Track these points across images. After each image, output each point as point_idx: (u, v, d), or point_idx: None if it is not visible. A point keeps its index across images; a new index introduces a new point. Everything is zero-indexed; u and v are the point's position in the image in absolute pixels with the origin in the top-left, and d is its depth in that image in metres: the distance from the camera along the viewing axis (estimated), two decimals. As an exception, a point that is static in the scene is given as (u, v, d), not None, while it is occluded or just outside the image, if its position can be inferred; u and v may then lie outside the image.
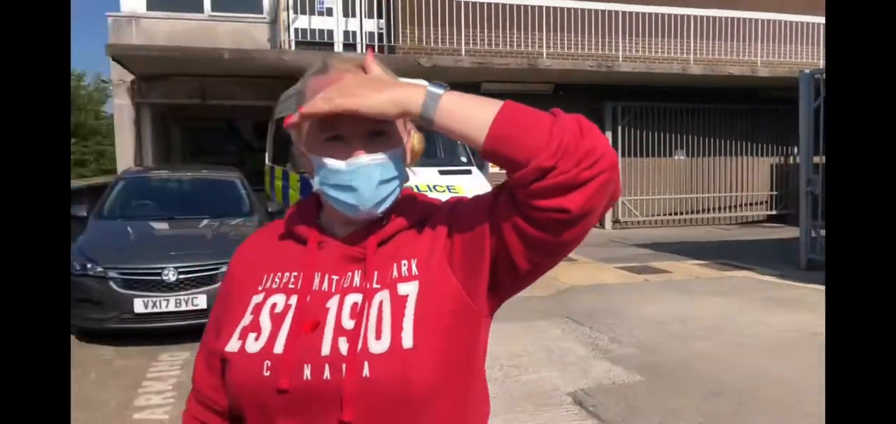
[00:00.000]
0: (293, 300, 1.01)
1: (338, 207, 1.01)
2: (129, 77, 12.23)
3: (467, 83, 11.46)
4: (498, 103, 0.91)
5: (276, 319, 1.00)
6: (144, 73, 12.07)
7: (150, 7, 12.54)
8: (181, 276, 5.73)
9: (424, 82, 0.96)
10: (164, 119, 14.29)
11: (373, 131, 0.99)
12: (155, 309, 5.64)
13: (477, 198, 1.04)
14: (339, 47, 11.94)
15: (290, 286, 1.03)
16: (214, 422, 1.10)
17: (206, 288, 5.77)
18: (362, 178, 0.98)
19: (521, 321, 6.57)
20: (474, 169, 7.94)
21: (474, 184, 7.44)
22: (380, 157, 0.99)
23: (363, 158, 0.98)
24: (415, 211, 1.07)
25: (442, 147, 8.23)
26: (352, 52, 11.54)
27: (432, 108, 0.91)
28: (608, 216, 14.29)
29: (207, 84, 12.39)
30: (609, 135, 13.57)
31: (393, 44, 12.40)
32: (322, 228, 1.08)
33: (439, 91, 0.92)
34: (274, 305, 1.02)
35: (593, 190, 0.88)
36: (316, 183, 1.02)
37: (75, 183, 10.24)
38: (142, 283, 5.66)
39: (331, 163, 0.99)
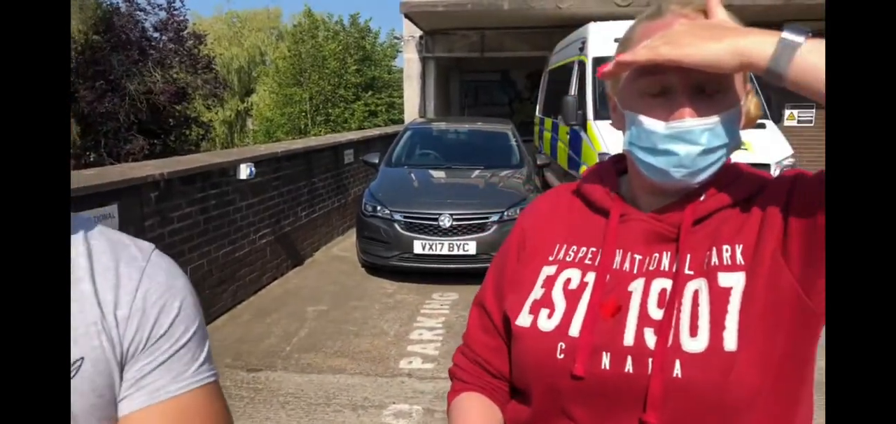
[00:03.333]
0: (590, 277, 0.90)
1: (646, 172, 0.88)
2: (418, 33, 13.23)
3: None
4: None
5: (571, 297, 0.90)
6: (431, 28, 12.95)
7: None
8: (455, 223, 6.09)
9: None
10: (446, 72, 15.25)
11: (703, 87, 0.83)
12: (431, 252, 6.10)
13: (824, 174, 0.83)
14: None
15: (587, 261, 0.92)
16: (486, 381, 1.03)
17: (476, 236, 6.07)
18: (683, 143, 0.83)
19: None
20: (769, 122, 6.96)
21: (769, 140, 6.57)
22: (710, 121, 0.83)
23: (688, 121, 0.82)
24: (741, 185, 0.89)
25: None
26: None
27: (785, 60, 0.72)
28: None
29: (487, 37, 12.89)
30: None
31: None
32: (624, 198, 0.95)
33: (799, 39, 0.73)
34: (567, 280, 0.92)
35: None
36: (625, 142, 0.90)
37: (368, 132, 11.44)
38: (421, 227, 6.15)
39: (647, 122, 0.85)
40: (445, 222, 6.09)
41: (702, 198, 0.89)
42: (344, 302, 5.77)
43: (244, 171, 5.45)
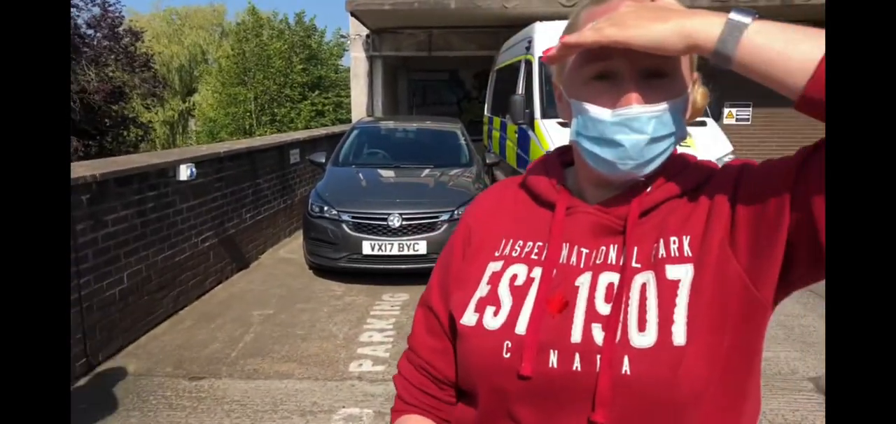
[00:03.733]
0: (536, 273, 0.88)
1: (593, 164, 0.85)
2: (364, 31, 13.09)
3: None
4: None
5: (517, 293, 0.87)
6: (378, 27, 12.83)
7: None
8: (404, 222, 6.02)
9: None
10: (394, 71, 15.15)
11: (650, 72, 0.81)
12: (380, 252, 6.01)
13: (771, 164, 0.80)
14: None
15: (534, 256, 0.90)
16: (430, 389, 1.00)
17: (426, 235, 6.01)
18: (630, 132, 0.80)
19: (754, 291, 5.94)
20: (710, 120, 7.13)
21: (709, 136, 6.72)
22: (657, 108, 0.80)
23: (635, 107, 0.80)
24: (688, 175, 0.87)
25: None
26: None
27: (733, 42, 0.70)
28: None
29: (434, 36, 12.85)
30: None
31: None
32: (570, 190, 0.93)
33: (745, 20, 0.71)
34: (514, 276, 0.89)
35: None
36: (571, 132, 0.87)
37: (315, 132, 11.26)
38: (370, 227, 6.05)
39: (593, 110, 0.82)
40: (395, 222, 6.01)
41: (649, 190, 0.87)
42: (291, 305, 5.63)
43: (184, 172, 5.25)
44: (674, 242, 0.83)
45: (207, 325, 5.12)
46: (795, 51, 0.68)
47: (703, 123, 7.00)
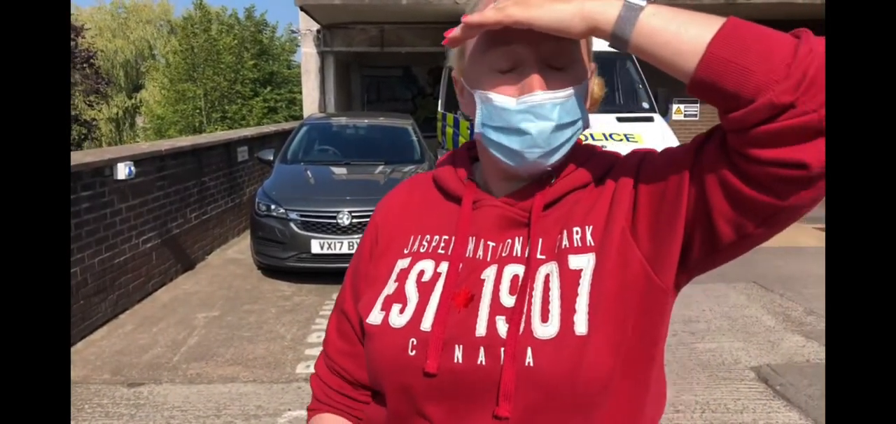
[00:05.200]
0: (443, 268, 0.87)
1: (500, 155, 0.84)
2: (315, 26, 12.90)
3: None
4: (719, 19, 0.69)
5: (424, 289, 0.86)
6: (328, 22, 12.65)
7: (333, -42, 13.06)
8: (354, 220, 5.94)
9: None
10: (346, 67, 14.98)
11: (552, 61, 0.81)
12: (330, 251, 5.92)
13: (671, 151, 0.81)
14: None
15: (440, 251, 0.89)
16: (345, 390, 0.98)
17: (376, 233, 5.94)
18: (535, 119, 0.80)
19: (698, 282, 6.05)
20: (657, 116, 7.24)
21: (656, 133, 6.81)
22: (561, 94, 0.80)
23: (539, 94, 0.79)
24: (590, 165, 0.88)
25: (621, 90, 7.67)
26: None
27: (629, 24, 0.71)
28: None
29: (386, 31, 12.74)
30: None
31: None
32: (477, 184, 0.92)
33: (641, 2, 0.72)
34: (421, 272, 0.88)
35: None
36: (476, 124, 0.86)
37: (264, 128, 11.06)
38: (319, 225, 5.95)
39: (498, 98, 0.81)
40: (344, 220, 5.92)
41: (553, 182, 0.87)
42: (238, 306, 5.50)
43: (122, 171, 5.07)
44: (577, 232, 0.83)
45: (149, 329, 4.96)
46: (686, 34, 0.69)
47: (650, 119, 7.12)
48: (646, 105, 7.44)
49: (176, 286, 6.13)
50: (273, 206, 6.08)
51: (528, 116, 0.80)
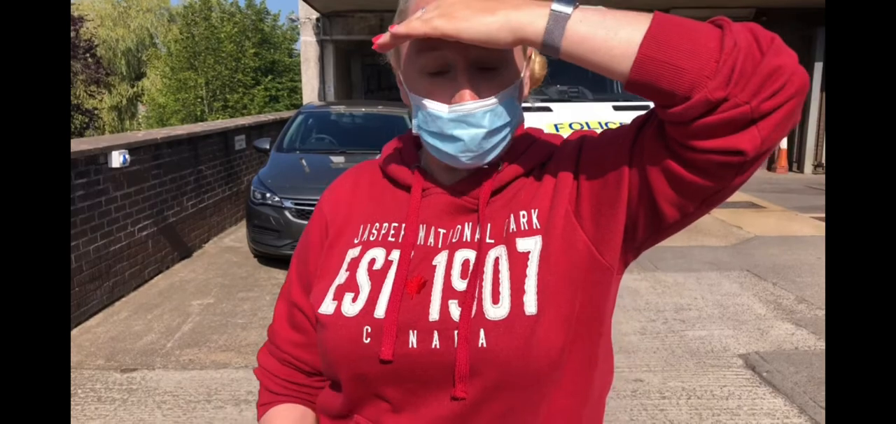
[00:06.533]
0: (395, 255, 0.88)
1: (436, 156, 0.87)
2: (314, 15, 12.89)
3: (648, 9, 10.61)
4: (645, 17, 0.70)
5: (376, 277, 0.87)
6: (328, 10, 12.63)
7: (332, -54, 13.02)
8: (348, 208, 5.94)
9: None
10: (347, 56, 14.96)
11: (483, 64, 0.81)
12: (325, 238, 5.93)
13: (611, 134, 0.83)
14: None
15: (390, 239, 0.90)
16: (297, 378, 1.00)
17: (370, 221, 5.95)
18: (467, 127, 0.81)
19: (691, 271, 6.08)
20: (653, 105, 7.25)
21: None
22: (488, 102, 0.81)
23: (469, 103, 0.80)
24: (534, 152, 0.90)
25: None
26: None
27: (558, 33, 0.71)
28: (808, 158, 12.75)
29: (386, 19, 12.72)
30: (819, 68, 11.95)
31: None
32: (424, 173, 0.93)
33: (566, 9, 0.71)
34: (372, 261, 0.89)
35: (776, 123, 0.67)
36: (414, 125, 0.88)
37: (262, 117, 11.06)
38: (312, 213, 5.96)
39: (431, 105, 0.82)
40: (339, 208, 5.94)
41: (500, 168, 0.89)
42: (233, 293, 5.54)
43: (116, 159, 5.10)
44: (523, 216, 0.85)
45: (144, 316, 5.00)
46: (616, 38, 0.70)
47: (646, 108, 7.12)
48: (642, 94, 7.43)
49: (172, 273, 6.18)
50: (268, 194, 6.11)
51: (460, 125, 0.81)
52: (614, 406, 3.53)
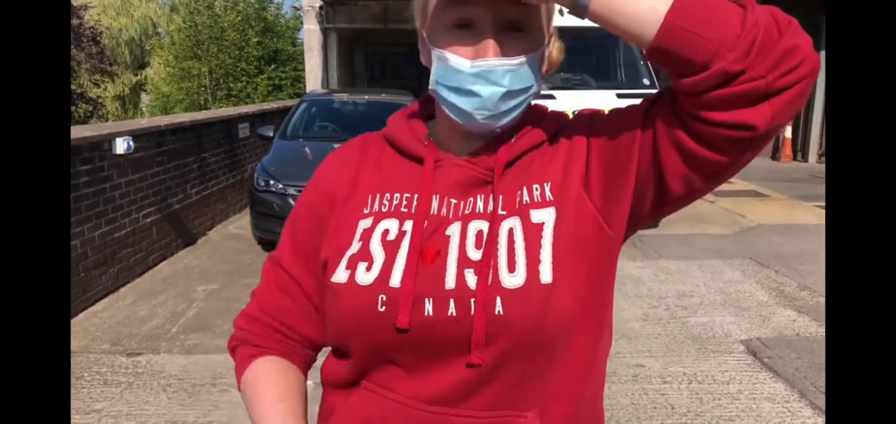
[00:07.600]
0: (408, 225, 0.88)
1: (451, 113, 0.86)
2: (318, 3, 12.86)
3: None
4: None
5: (390, 247, 0.86)
6: (330, -1, 12.62)
7: (336, -66, 12.97)
8: (352, 195, 5.96)
9: None
10: (350, 44, 14.94)
11: (509, 24, 0.83)
12: (328, 225, 5.95)
13: (621, 112, 0.85)
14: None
15: (403, 209, 0.90)
16: (287, 344, 0.96)
17: (373, 208, 5.97)
18: (487, 84, 0.82)
19: (694, 258, 6.09)
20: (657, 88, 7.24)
21: None
22: (513, 61, 0.82)
23: (492, 60, 0.82)
24: (545, 126, 0.92)
25: (622, 66, 7.65)
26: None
27: None
28: (813, 147, 12.71)
29: (389, 9, 12.69)
30: (823, 56, 11.86)
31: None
32: (435, 142, 0.94)
33: None
34: (386, 231, 0.88)
35: (787, 101, 0.71)
36: (431, 81, 0.88)
37: (265, 105, 11.08)
38: (317, 200, 5.98)
39: (453, 59, 0.83)
40: (342, 195, 5.95)
41: (513, 139, 0.90)
42: (237, 280, 5.57)
43: (120, 145, 5.12)
44: (536, 188, 0.87)
45: (149, 302, 5.04)
46: (644, 3, 0.72)
47: (654, 87, 7.10)
48: (646, 81, 7.41)
49: (177, 260, 6.21)
50: (271, 182, 6.13)
51: (480, 80, 0.82)
52: (616, 390, 3.55)
